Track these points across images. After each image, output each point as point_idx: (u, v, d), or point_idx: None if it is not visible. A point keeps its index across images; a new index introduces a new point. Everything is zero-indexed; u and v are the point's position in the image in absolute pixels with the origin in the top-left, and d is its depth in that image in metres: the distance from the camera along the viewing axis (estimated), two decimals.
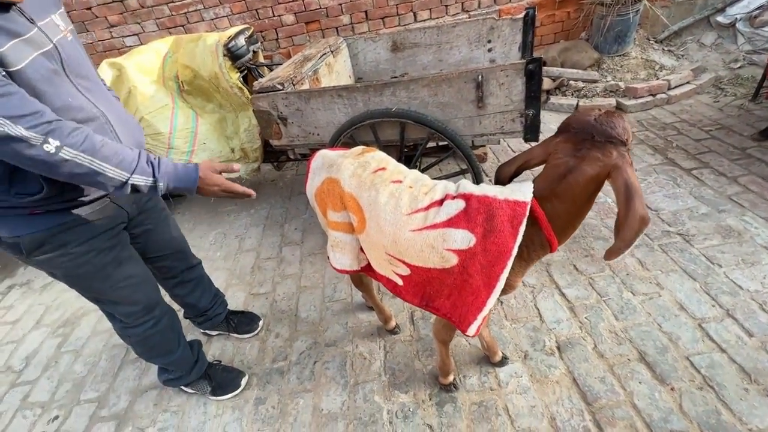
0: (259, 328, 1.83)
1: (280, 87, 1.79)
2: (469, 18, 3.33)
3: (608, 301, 1.66)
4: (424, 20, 3.40)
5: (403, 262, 1.06)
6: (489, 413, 1.37)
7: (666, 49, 3.48)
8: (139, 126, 1.18)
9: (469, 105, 1.57)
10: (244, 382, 1.59)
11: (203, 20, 3.25)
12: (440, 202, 0.99)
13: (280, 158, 2.70)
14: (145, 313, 1.25)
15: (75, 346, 1.97)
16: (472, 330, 1.06)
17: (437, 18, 3.40)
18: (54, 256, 1.01)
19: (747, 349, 1.40)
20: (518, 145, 2.87)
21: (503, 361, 1.49)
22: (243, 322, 1.81)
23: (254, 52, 2.28)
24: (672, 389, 1.33)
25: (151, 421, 1.56)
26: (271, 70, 2.57)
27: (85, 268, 1.07)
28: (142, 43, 3.28)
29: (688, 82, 3.09)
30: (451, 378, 1.43)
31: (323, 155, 1.21)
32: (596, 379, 1.40)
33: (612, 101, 3.07)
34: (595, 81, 3.23)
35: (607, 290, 1.71)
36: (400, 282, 1.13)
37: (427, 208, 0.99)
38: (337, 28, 3.36)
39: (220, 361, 1.67)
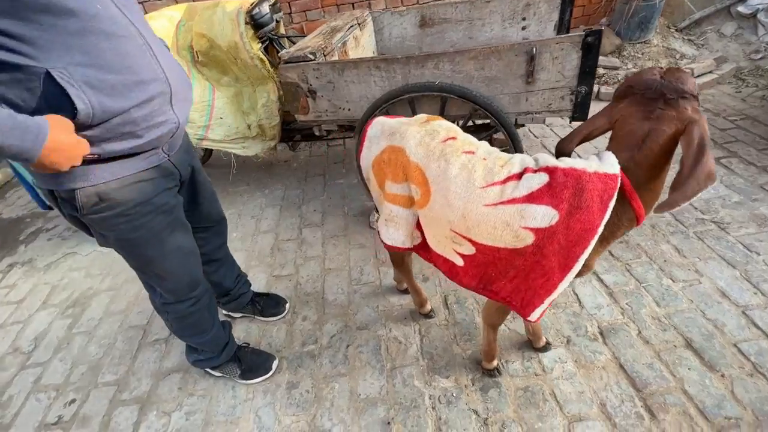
0: (286, 311, 1.76)
1: (311, 57, 1.69)
2: None
3: (648, 287, 1.63)
4: (413, 4, 3.28)
5: (470, 240, 0.99)
6: (536, 398, 1.33)
7: (686, 38, 3.43)
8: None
9: (518, 80, 1.49)
10: (275, 365, 1.52)
11: None
12: (519, 176, 0.92)
13: (294, 137, 2.60)
14: (189, 290, 1.17)
15: (87, 327, 1.87)
16: (535, 315, 1.00)
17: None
18: (111, 215, 0.93)
19: None
20: (539, 130, 2.81)
21: (546, 347, 1.45)
22: (269, 304, 1.74)
23: (277, 21, 2.16)
24: (722, 376, 1.31)
25: (176, 404, 1.48)
26: (293, 43, 2.45)
27: (140, 232, 0.99)
28: (146, 12, 3.10)
29: (710, 71, 3.05)
30: (495, 363, 1.39)
31: (383, 122, 1.13)
32: (644, 366, 1.37)
33: None
34: (616, 68, 3.18)
35: (646, 276, 1.68)
36: (460, 262, 1.07)
37: (504, 181, 0.92)
38: (353, 3, 3.23)
39: (249, 344, 1.60)
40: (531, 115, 1.58)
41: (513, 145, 1.61)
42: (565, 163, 0.88)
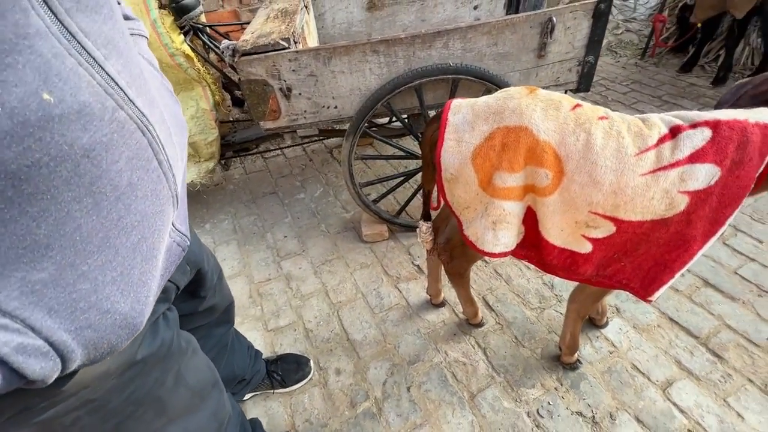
0: (311, 371, 1.37)
1: (284, 44, 1.32)
2: None
3: None
4: None
5: (614, 220, 0.85)
6: (624, 377, 1.29)
7: None
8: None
9: (530, 55, 1.40)
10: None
11: None
12: (672, 135, 0.81)
13: (225, 154, 2.11)
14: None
15: None
16: (658, 294, 0.93)
17: None
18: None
19: (764, 254, 1.64)
20: None
21: (607, 322, 1.43)
22: (288, 369, 1.33)
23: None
24: (743, 303, 1.47)
25: None
26: (223, 35, 1.95)
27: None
28: None
29: None
30: (576, 355, 1.31)
31: (470, 104, 0.90)
32: (687, 313, 1.46)
33: None
34: None
35: None
36: (587, 249, 0.92)
37: (657, 144, 0.80)
38: None
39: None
40: None
41: None
42: (726, 115, 0.80)
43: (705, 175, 0.77)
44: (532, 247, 0.99)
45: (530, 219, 0.94)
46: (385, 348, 1.45)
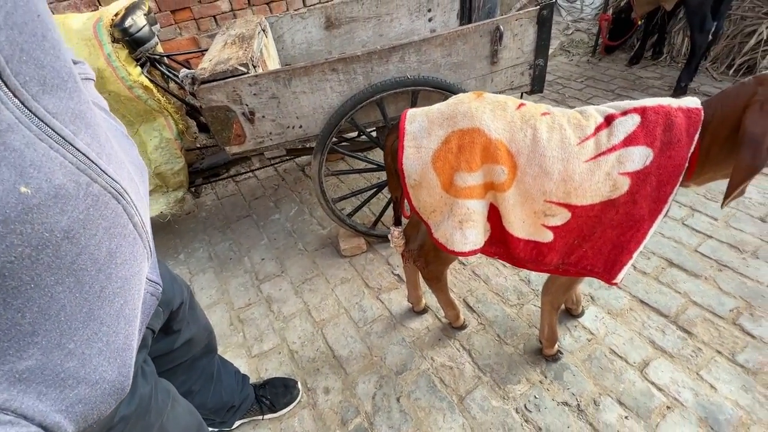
0: (299, 393, 1.36)
1: (243, 70, 1.33)
2: None
3: None
4: (314, 4, 3.11)
5: (567, 206, 0.90)
6: (603, 362, 1.34)
7: None
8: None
9: (483, 62, 1.46)
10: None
11: None
12: (607, 124, 0.87)
13: (195, 182, 2.08)
14: None
15: None
16: (621, 276, 0.98)
17: (326, 1, 3.16)
18: None
19: (719, 230, 1.74)
20: None
21: (583, 311, 1.48)
22: (276, 393, 1.31)
23: (157, 35, 1.64)
24: (706, 279, 1.56)
25: None
26: (183, 64, 1.94)
27: None
28: None
29: None
30: (557, 346, 1.34)
31: (424, 112, 0.95)
32: (656, 294, 1.53)
33: None
34: None
35: None
36: (548, 238, 0.97)
37: (595, 132, 0.86)
38: (215, 16, 2.76)
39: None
40: None
41: None
42: (652, 102, 0.86)
43: (639, 156, 0.84)
44: (500, 243, 1.03)
45: (494, 216, 0.99)
46: (372, 361, 1.45)
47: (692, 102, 0.85)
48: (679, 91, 2.74)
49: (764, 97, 0.74)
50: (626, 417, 1.19)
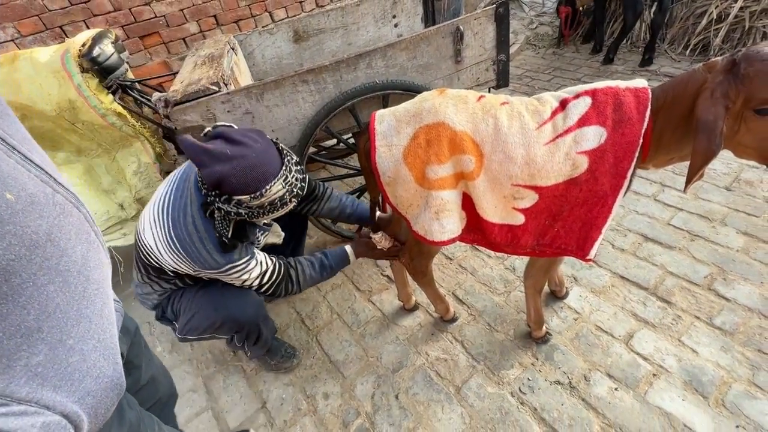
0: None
1: (215, 89, 1.35)
2: None
3: None
4: (282, 19, 3.15)
5: (534, 188, 0.95)
6: (590, 339, 1.38)
7: None
8: None
9: (448, 62, 1.52)
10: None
11: None
12: (562, 108, 0.92)
13: None
14: None
15: None
16: (593, 251, 1.02)
17: (294, 15, 3.21)
18: None
19: (689, 203, 1.82)
20: None
21: (567, 292, 1.53)
22: None
23: (127, 62, 1.65)
24: (680, 249, 1.62)
25: None
26: (157, 88, 1.95)
27: None
28: None
29: (512, 43, 3.82)
30: (544, 328, 1.38)
31: (390, 111, 1.00)
32: (635, 269, 1.59)
33: None
34: None
35: None
36: (520, 220, 1.01)
37: (552, 117, 0.92)
38: (184, 38, 2.78)
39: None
40: None
41: None
42: (602, 84, 0.92)
43: (593, 135, 0.89)
44: (476, 230, 1.07)
45: (468, 204, 1.03)
46: (368, 362, 1.47)
47: (639, 83, 0.91)
48: (607, 62, 3.17)
49: (713, 85, 0.77)
50: (616, 389, 1.24)
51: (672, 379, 1.23)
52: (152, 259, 1.05)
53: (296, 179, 0.98)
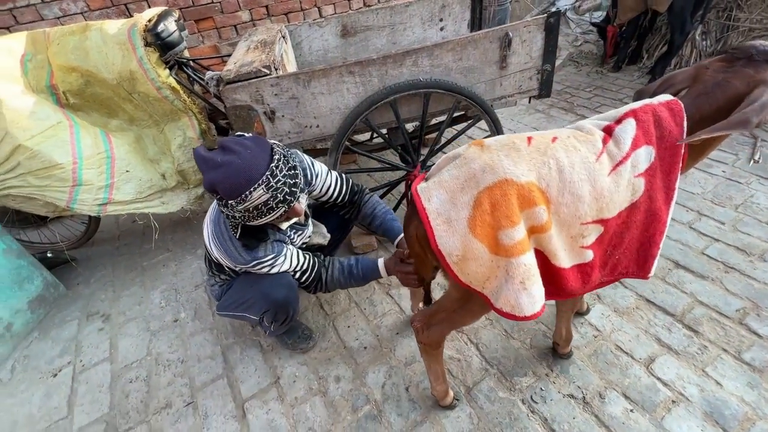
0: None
1: (266, 71, 1.41)
2: None
3: None
4: (330, 14, 3.24)
5: (600, 221, 0.91)
6: (609, 358, 1.36)
7: None
8: None
9: (492, 67, 1.53)
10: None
11: (43, 19, 2.35)
12: (609, 135, 0.91)
13: None
14: None
15: None
16: (654, 268, 0.98)
17: (342, 12, 3.29)
18: None
19: (727, 234, 1.76)
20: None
21: (589, 309, 1.51)
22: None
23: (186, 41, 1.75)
24: (712, 280, 1.57)
25: None
26: (206, 67, 2.05)
27: None
28: None
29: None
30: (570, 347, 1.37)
31: (435, 185, 0.90)
32: (662, 294, 1.55)
33: None
34: None
35: None
36: (590, 257, 0.96)
37: (604, 146, 0.90)
38: (235, 25, 2.90)
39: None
40: (504, 99, 1.64)
41: (497, 130, 1.65)
42: (636, 104, 0.92)
43: (645, 155, 0.89)
44: (548, 284, 0.95)
45: (539, 259, 0.91)
46: (382, 352, 1.49)
47: (665, 97, 0.91)
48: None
49: (764, 80, 0.83)
50: (631, 410, 1.21)
51: (692, 408, 1.20)
52: (211, 255, 1.25)
53: (282, 185, 1.00)
